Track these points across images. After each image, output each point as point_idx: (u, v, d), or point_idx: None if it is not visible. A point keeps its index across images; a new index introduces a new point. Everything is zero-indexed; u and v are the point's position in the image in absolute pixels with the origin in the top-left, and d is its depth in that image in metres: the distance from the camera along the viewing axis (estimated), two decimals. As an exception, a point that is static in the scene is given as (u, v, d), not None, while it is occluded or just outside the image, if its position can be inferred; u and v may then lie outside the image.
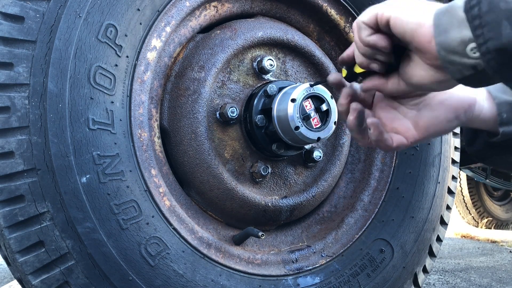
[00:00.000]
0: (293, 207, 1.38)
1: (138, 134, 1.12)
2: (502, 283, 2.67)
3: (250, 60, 1.34)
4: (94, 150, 1.00)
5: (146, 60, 1.15)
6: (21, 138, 0.95)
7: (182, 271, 1.11)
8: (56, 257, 0.97)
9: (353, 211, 1.49)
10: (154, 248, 1.08)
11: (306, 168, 1.44)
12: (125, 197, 1.04)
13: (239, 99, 1.31)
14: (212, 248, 1.21)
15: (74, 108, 0.99)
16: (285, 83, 1.31)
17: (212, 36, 1.31)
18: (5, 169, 0.93)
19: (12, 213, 0.94)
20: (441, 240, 1.58)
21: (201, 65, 1.25)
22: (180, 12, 1.23)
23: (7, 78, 0.93)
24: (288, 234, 1.44)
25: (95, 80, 1.02)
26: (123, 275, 1.03)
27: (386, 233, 1.45)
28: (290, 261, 1.34)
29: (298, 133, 1.20)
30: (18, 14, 0.95)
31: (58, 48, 0.98)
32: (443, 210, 1.57)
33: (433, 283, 2.59)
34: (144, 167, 1.10)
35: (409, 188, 1.49)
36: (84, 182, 0.99)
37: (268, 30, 1.35)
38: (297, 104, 1.19)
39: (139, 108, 1.13)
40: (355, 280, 1.37)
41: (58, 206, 0.96)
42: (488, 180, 4.88)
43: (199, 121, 1.22)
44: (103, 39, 1.04)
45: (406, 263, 1.46)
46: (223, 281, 1.18)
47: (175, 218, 1.15)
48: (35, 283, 0.97)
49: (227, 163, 1.28)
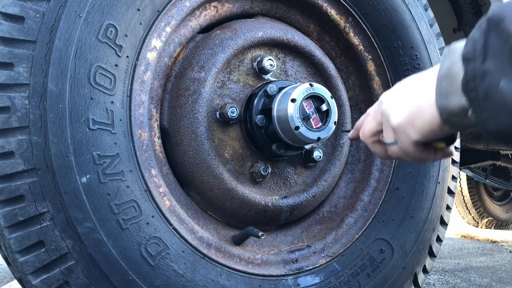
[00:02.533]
0: (293, 207, 1.38)
1: (138, 134, 1.12)
2: (502, 283, 2.67)
3: (250, 60, 1.34)
4: (94, 150, 1.00)
5: (146, 60, 1.15)
6: (21, 138, 0.95)
7: (182, 271, 1.11)
8: (56, 257, 0.97)
9: (353, 211, 1.49)
10: (154, 248, 1.08)
11: (306, 168, 1.44)
12: (125, 197, 1.04)
13: (239, 99, 1.31)
14: (212, 248, 1.21)
15: (74, 108, 0.99)
16: (285, 83, 1.32)
17: (212, 36, 1.31)
18: (5, 169, 0.93)
19: (12, 213, 0.94)
20: (441, 240, 1.58)
21: (201, 65, 1.25)
22: (180, 12, 1.23)
23: (7, 78, 0.93)
24: (288, 234, 1.44)
25: (95, 80, 1.02)
26: (123, 275, 1.03)
27: (386, 233, 1.45)
28: (290, 261, 1.34)
29: (298, 133, 1.20)
30: (18, 14, 0.95)
31: (58, 48, 0.98)
32: (443, 210, 1.56)
33: (433, 283, 2.59)
34: (144, 167, 1.10)
35: (409, 188, 1.49)
36: (84, 182, 0.99)
37: (268, 30, 1.35)
38: (297, 104, 1.19)
39: (139, 108, 1.13)
40: (355, 280, 1.37)
41: (58, 206, 0.96)
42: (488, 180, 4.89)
43: (199, 121, 1.22)
44: (103, 39, 1.04)
45: (406, 263, 1.46)
46: (223, 281, 1.18)
47: (175, 218, 1.15)
48: (35, 283, 0.97)
49: (227, 163, 1.28)
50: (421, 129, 0.74)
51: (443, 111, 0.68)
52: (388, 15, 1.48)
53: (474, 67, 0.61)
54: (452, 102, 0.66)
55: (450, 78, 0.66)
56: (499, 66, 0.58)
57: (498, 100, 0.59)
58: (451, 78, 0.66)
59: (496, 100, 0.59)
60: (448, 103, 0.67)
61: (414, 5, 1.52)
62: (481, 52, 0.60)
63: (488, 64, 0.59)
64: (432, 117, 0.71)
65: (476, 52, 0.61)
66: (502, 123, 0.60)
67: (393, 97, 0.81)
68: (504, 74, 0.58)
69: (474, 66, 0.61)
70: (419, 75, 0.79)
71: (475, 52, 0.61)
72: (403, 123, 0.77)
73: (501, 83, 0.58)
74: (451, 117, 0.68)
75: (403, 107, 0.77)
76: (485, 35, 0.60)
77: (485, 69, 0.60)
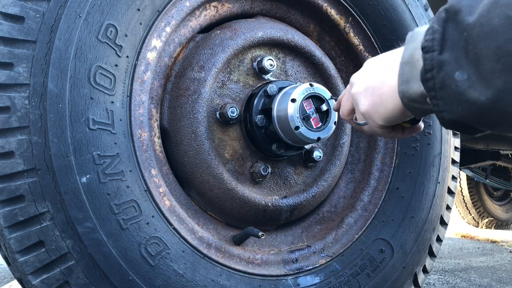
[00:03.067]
0: (293, 207, 1.38)
1: (138, 134, 1.12)
2: (502, 283, 2.67)
3: (250, 60, 1.34)
4: (94, 150, 1.00)
5: (146, 60, 1.15)
6: (21, 138, 0.95)
7: (182, 271, 1.11)
8: (56, 257, 0.97)
9: (353, 211, 1.49)
10: (154, 248, 1.08)
11: (306, 168, 1.44)
12: (125, 197, 1.04)
13: (239, 99, 1.31)
14: (212, 248, 1.21)
15: (74, 108, 0.99)
16: (285, 83, 1.31)
17: (212, 36, 1.31)
18: (5, 169, 0.93)
19: (12, 213, 0.94)
20: (441, 240, 1.58)
21: (201, 65, 1.25)
22: (180, 12, 1.23)
23: (7, 78, 0.93)
24: (288, 234, 1.44)
25: (95, 80, 1.02)
26: (123, 275, 1.03)
27: (386, 233, 1.45)
28: (290, 261, 1.34)
29: (298, 133, 1.20)
30: (18, 14, 0.95)
31: (58, 48, 0.98)
32: (443, 210, 1.56)
33: (433, 283, 2.59)
34: (144, 167, 1.10)
35: (409, 188, 1.49)
36: (84, 182, 0.98)
37: (268, 30, 1.35)
38: (297, 104, 1.19)
39: (139, 108, 1.13)
40: (355, 280, 1.37)
41: (58, 206, 0.96)
42: (488, 180, 4.88)
43: (199, 121, 1.22)
44: (103, 39, 1.04)
45: (406, 263, 1.46)
46: (223, 281, 1.18)
47: (175, 218, 1.15)
48: (35, 283, 0.97)
49: (227, 163, 1.28)
50: (385, 117, 0.79)
51: (403, 96, 0.71)
52: (388, 15, 1.48)
53: (432, 57, 0.63)
54: (412, 88, 0.69)
55: (411, 65, 0.69)
56: (454, 58, 0.61)
57: (453, 91, 0.61)
58: (412, 64, 0.69)
59: (451, 91, 0.61)
60: (409, 89, 0.69)
61: (414, 5, 1.52)
62: (439, 43, 0.62)
63: (445, 56, 0.62)
64: (394, 105, 0.75)
65: (435, 42, 0.63)
66: (456, 114, 0.62)
67: (360, 81, 0.84)
68: (459, 66, 0.60)
69: (432, 56, 0.63)
70: (387, 55, 0.81)
71: (433, 42, 0.63)
72: (369, 111, 0.81)
73: (455, 74, 0.60)
74: (411, 102, 0.71)
75: (368, 94, 0.81)
76: (443, 25, 0.63)
77: (442, 60, 0.62)
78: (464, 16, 0.60)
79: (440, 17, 0.64)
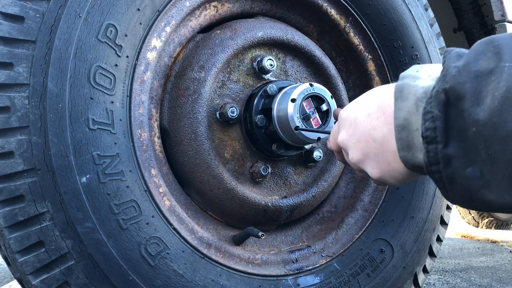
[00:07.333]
0: (293, 207, 1.38)
1: (138, 134, 1.12)
2: (502, 283, 2.67)
3: (250, 60, 1.34)
4: (94, 150, 1.00)
5: (146, 60, 1.15)
6: (21, 138, 0.94)
7: (182, 271, 1.11)
8: (56, 257, 0.97)
9: (353, 211, 1.49)
10: (154, 248, 1.08)
11: (306, 168, 1.44)
12: (125, 197, 1.04)
13: (239, 99, 1.31)
14: (212, 248, 1.21)
15: (74, 108, 0.99)
16: (285, 83, 1.31)
17: (212, 36, 1.31)
18: (5, 169, 0.93)
19: (12, 213, 0.94)
20: (441, 240, 1.58)
21: (201, 65, 1.25)
22: (180, 12, 1.23)
23: (7, 78, 0.93)
24: (288, 234, 1.44)
25: (95, 80, 1.02)
26: (123, 275, 1.03)
27: (386, 233, 1.45)
28: (290, 261, 1.34)
29: (298, 133, 1.20)
30: (18, 14, 0.95)
31: (58, 48, 0.98)
32: (443, 210, 1.56)
33: (433, 283, 2.59)
34: (144, 167, 1.10)
35: (409, 188, 1.49)
36: (84, 182, 0.98)
37: (268, 30, 1.35)
38: (297, 104, 1.19)
39: (139, 108, 1.13)
40: (355, 280, 1.37)
41: (58, 206, 0.96)
42: (488, 180, 4.87)
43: (199, 121, 1.22)
44: (103, 39, 1.04)
45: (406, 263, 1.46)
46: (223, 281, 1.18)
47: (175, 218, 1.15)
48: (35, 283, 0.97)
49: (227, 163, 1.28)
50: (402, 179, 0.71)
51: (407, 163, 0.65)
52: (388, 15, 1.48)
53: (436, 151, 0.57)
54: (417, 158, 0.62)
55: (408, 131, 0.62)
56: (463, 153, 0.54)
57: (464, 189, 0.56)
58: (410, 131, 0.62)
59: (462, 187, 0.56)
60: (412, 157, 0.63)
61: (414, 5, 1.52)
62: (442, 134, 0.56)
63: (451, 149, 0.55)
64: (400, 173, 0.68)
65: (437, 132, 0.56)
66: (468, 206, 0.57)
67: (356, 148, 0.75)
68: (470, 162, 0.54)
69: (436, 149, 0.57)
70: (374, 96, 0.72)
71: (436, 132, 0.56)
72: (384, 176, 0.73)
73: (467, 171, 0.54)
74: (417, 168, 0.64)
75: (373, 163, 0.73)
76: (445, 111, 0.55)
77: (448, 154, 0.55)
78: (470, 107, 0.52)
79: (439, 99, 0.56)
